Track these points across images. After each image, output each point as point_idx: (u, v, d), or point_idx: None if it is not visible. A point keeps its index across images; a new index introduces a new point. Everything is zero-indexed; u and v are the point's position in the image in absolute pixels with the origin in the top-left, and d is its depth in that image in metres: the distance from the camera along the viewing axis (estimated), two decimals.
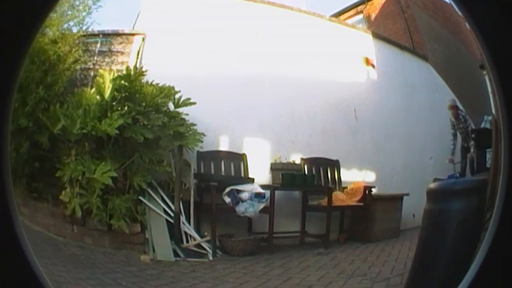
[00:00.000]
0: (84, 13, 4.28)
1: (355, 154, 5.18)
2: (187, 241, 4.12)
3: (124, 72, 4.15)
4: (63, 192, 3.90)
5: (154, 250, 3.96)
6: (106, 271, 3.58)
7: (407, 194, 4.79)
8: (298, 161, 4.99)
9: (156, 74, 4.19)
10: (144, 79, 4.14)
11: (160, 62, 4.40)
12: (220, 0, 4.95)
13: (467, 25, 1.07)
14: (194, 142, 4.23)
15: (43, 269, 1.10)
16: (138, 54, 4.54)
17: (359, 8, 6.04)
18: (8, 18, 0.97)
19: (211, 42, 4.62)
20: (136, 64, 4.41)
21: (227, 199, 4.35)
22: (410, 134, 5.37)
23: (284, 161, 4.94)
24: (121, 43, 4.60)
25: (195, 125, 4.28)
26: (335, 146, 5.08)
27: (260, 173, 4.75)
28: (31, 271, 1.05)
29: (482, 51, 1.05)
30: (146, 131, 4.05)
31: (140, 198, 4.08)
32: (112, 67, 4.41)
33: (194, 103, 4.21)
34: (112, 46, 4.57)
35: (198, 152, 4.43)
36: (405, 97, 5.45)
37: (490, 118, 4.48)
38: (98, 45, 4.53)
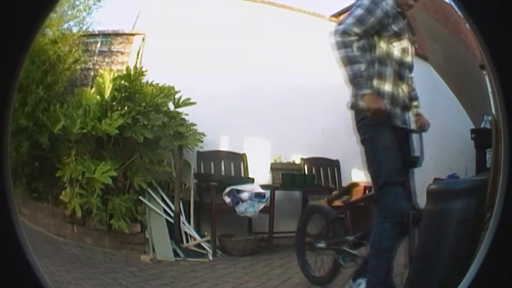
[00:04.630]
0: (84, 13, 4.28)
1: (355, 154, 5.17)
2: (187, 241, 4.12)
3: (124, 72, 4.16)
4: (63, 192, 3.90)
5: (154, 250, 3.96)
6: (106, 271, 3.58)
7: None
8: (298, 161, 4.98)
9: (156, 74, 4.19)
10: (144, 79, 4.14)
11: (160, 62, 4.40)
12: (220, 0, 4.95)
13: (467, 25, 1.07)
14: (194, 142, 4.23)
15: (43, 269, 1.10)
16: (138, 54, 4.54)
17: None
18: (8, 18, 0.97)
19: (211, 42, 4.62)
20: (136, 64, 4.42)
21: (227, 199, 4.35)
22: None
23: (284, 161, 4.94)
24: (121, 43, 4.60)
25: (195, 125, 4.28)
26: (335, 146, 5.07)
27: (260, 173, 4.75)
28: (31, 271, 1.05)
29: (482, 51, 1.05)
30: (146, 131, 4.05)
31: (140, 198, 4.08)
32: (112, 67, 4.41)
33: (194, 103, 4.21)
34: (112, 46, 4.57)
35: (198, 152, 4.43)
36: None
37: (490, 118, 4.48)
38: (98, 45, 4.53)
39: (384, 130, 2.71)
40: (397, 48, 2.85)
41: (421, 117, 3.17)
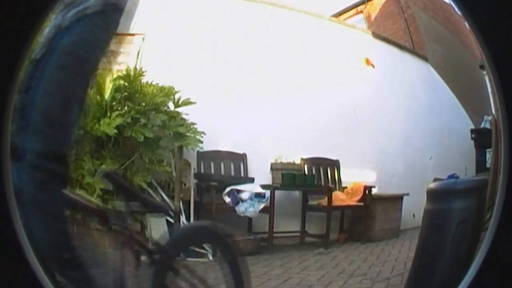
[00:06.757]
0: None
1: (355, 154, 5.18)
2: None
3: (124, 72, 4.16)
4: None
5: None
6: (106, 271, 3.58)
7: (407, 194, 4.79)
8: (298, 161, 4.99)
9: (156, 74, 4.19)
10: (144, 79, 4.15)
11: (160, 62, 4.40)
12: (220, 1, 4.95)
13: (467, 25, 1.07)
14: (194, 142, 4.23)
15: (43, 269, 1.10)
16: (137, 54, 4.54)
17: (359, 8, 6.03)
18: (8, 18, 0.97)
19: (211, 42, 4.62)
20: (136, 64, 4.41)
21: (227, 199, 4.35)
22: (410, 134, 5.37)
23: (284, 161, 4.94)
24: (120, 43, 4.59)
25: (195, 124, 4.29)
26: (335, 146, 5.08)
27: (260, 173, 4.75)
28: (31, 271, 1.05)
29: (482, 51, 1.05)
30: (146, 130, 4.05)
31: None
32: (112, 67, 4.41)
33: (194, 103, 4.21)
34: (112, 46, 4.56)
35: (198, 152, 4.43)
36: (405, 97, 5.45)
37: (490, 118, 4.48)
38: None
39: None
40: None
41: None
